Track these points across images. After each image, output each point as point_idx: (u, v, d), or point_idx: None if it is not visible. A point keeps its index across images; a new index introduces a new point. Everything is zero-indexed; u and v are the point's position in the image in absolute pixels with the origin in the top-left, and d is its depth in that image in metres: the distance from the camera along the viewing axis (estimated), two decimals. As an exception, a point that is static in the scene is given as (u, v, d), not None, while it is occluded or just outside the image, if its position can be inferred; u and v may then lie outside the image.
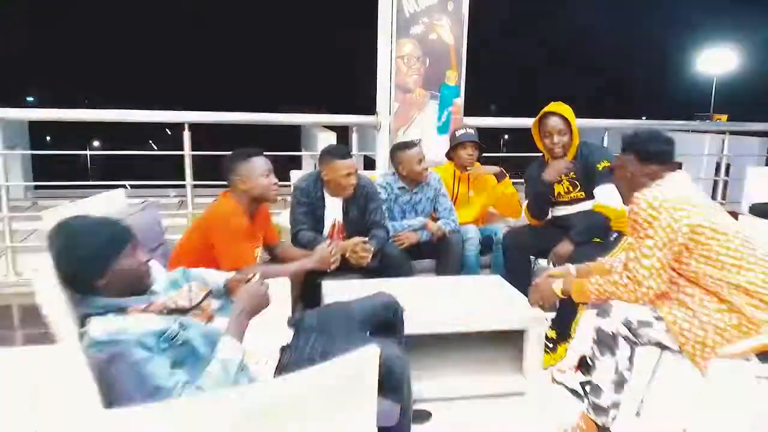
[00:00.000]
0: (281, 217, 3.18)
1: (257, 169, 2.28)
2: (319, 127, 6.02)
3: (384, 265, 2.81)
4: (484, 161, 3.47)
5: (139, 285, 1.51)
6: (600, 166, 2.77)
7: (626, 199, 1.99)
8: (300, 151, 7.60)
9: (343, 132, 5.83)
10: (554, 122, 2.82)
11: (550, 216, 3.02)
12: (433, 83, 3.78)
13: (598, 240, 2.79)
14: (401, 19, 3.64)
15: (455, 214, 3.19)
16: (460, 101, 3.85)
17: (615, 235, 2.82)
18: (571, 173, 2.85)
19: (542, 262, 3.02)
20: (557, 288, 2.09)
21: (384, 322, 1.92)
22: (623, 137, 2.03)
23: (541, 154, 3.02)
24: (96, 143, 35.92)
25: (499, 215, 3.48)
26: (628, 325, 1.80)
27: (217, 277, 1.81)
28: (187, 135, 3.75)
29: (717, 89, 30.20)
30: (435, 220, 3.18)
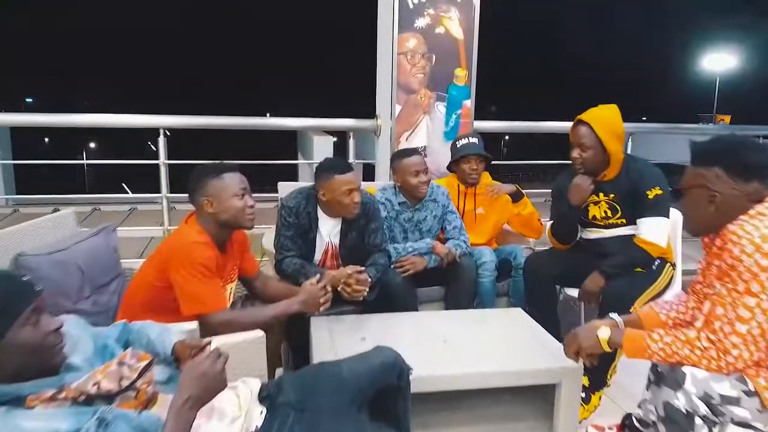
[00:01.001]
0: (266, 239, 2.75)
1: (229, 188, 1.83)
2: (316, 132, 5.58)
3: (384, 297, 2.38)
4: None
5: (44, 363, 1.09)
6: (651, 194, 2.31)
7: (705, 230, 1.56)
8: (297, 157, 7.17)
9: (342, 137, 5.38)
10: (579, 133, 2.36)
11: (579, 238, 2.59)
12: (440, 83, 3.36)
13: (638, 269, 2.37)
14: (404, 11, 3.22)
15: (466, 233, 2.76)
16: (470, 103, 3.43)
17: (657, 262, 2.40)
18: (611, 194, 2.40)
19: (570, 291, 2.59)
20: (603, 338, 1.65)
21: (385, 389, 1.49)
22: (696, 146, 1.57)
23: (569, 163, 2.59)
24: (92, 145, 35.52)
25: (516, 233, 3.05)
26: (707, 400, 1.37)
27: (169, 336, 1.39)
28: (162, 141, 3.33)
29: (719, 90, 29.77)
30: (442, 241, 2.76)
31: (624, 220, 2.42)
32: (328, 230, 2.41)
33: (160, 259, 1.79)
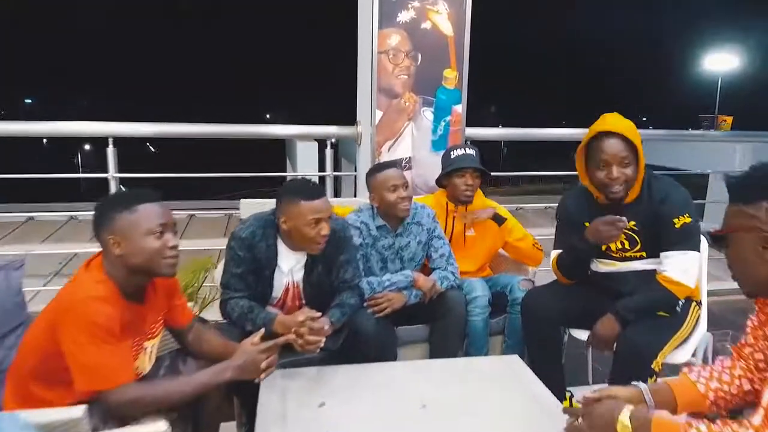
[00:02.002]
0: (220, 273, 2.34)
1: (143, 223, 1.42)
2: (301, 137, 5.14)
3: (353, 345, 1.98)
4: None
5: None
6: (678, 223, 1.91)
7: (765, 286, 1.17)
8: (285, 166, 6.69)
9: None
10: (614, 147, 1.91)
11: (592, 272, 2.19)
12: (426, 86, 2.95)
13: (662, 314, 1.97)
14: (385, 3, 2.82)
15: (455, 263, 2.36)
16: (461, 109, 3.02)
17: (682, 302, 2.00)
18: (631, 222, 1.98)
19: (576, 333, 2.19)
20: (624, 426, 1.25)
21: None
22: (734, 180, 1.19)
23: (576, 180, 2.18)
24: (87, 146, 35.04)
25: (513, 260, 2.64)
26: None
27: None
28: (112, 152, 2.92)
29: (721, 90, 29.36)
30: (428, 271, 2.36)
31: (644, 254, 2.02)
32: (290, 266, 2.00)
33: (52, 316, 1.38)
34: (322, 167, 3.58)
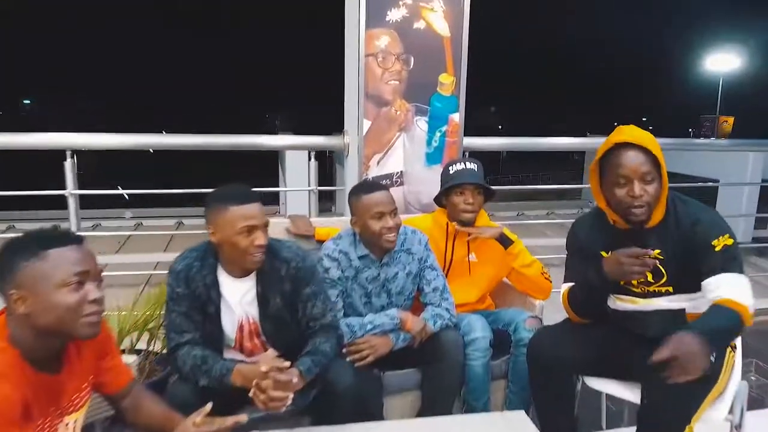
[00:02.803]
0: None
1: (55, 274, 1.12)
2: (283, 147, 4.85)
3: (329, 400, 1.68)
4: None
5: None
6: (718, 245, 1.61)
7: None
8: (278, 178, 6.36)
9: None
10: (635, 159, 1.63)
11: (610, 309, 1.89)
12: (420, 92, 2.65)
13: None
14: (373, 0, 2.51)
15: (450, 297, 2.05)
16: (458, 118, 2.72)
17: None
18: (655, 250, 1.68)
19: (592, 382, 1.88)
20: None
21: None
22: None
23: (593, 205, 1.88)
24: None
25: (518, 291, 2.33)
26: None
27: None
28: (69, 165, 2.62)
29: (723, 90, 29.02)
30: (417, 308, 2.06)
31: (670, 288, 1.71)
32: (238, 297, 1.70)
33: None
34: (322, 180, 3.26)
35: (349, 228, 2.02)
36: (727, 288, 1.58)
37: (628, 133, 1.66)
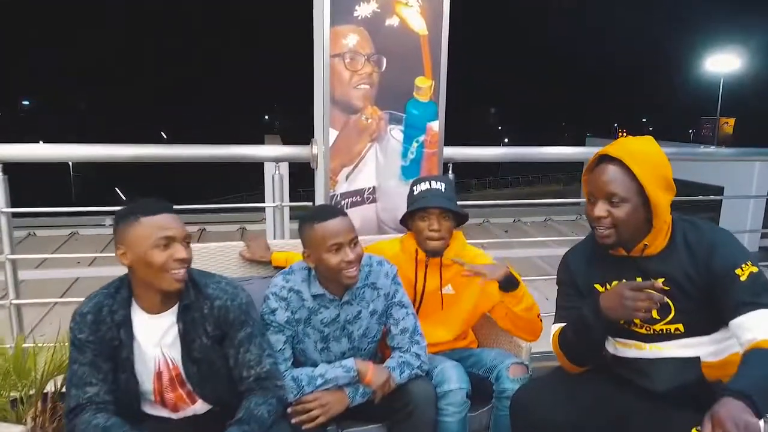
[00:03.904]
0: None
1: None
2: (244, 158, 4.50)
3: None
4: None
5: None
6: (743, 274, 1.34)
7: None
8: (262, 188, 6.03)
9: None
10: (605, 177, 1.41)
11: (609, 356, 1.60)
12: (394, 98, 2.35)
13: None
14: (340, -6, 2.21)
15: (422, 340, 1.75)
16: (437, 126, 2.42)
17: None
18: (660, 279, 1.41)
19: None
20: None
21: None
22: None
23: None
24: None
25: (501, 328, 2.03)
26: None
27: None
28: (0, 179, 2.31)
29: (724, 91, 28.72)
30: (384, 355, 1.76)
31: (681, 327, 1.43)
32: (155, 338, 1.43)
33: None
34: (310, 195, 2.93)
35: (301, 262, 1.72)
36: (765, 327, 1.29)
37: (617, 145, 1.43)
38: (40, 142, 2.87)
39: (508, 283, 1.75)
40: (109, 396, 1.38)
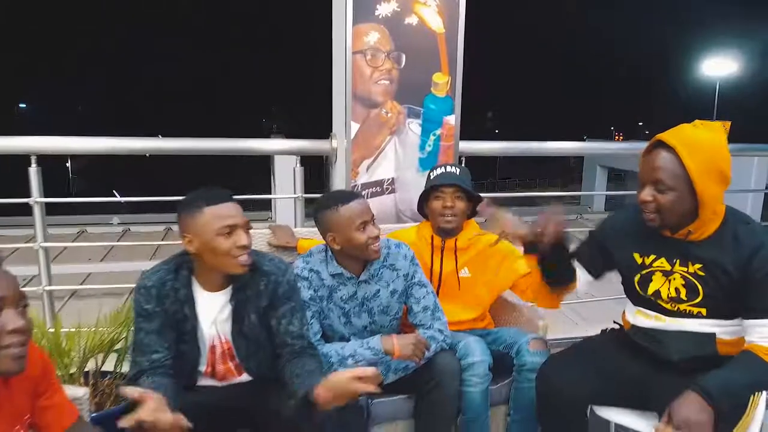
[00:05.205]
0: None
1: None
2: (266, 152, 4.61)
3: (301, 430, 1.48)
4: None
5: None
6: None
7: None
8: (270, 182, 6.13)
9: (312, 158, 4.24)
10: (656, 163, 1.44)
11: (627, 322, 1.70)
12: (412, 93, 2.47)
13: None
14: (362, -6, 2.33)
15: (443, 316, 1.86)
16: (453, 120, 2.54)
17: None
18: (696, 264, 1.50)
19: (604, 412, 1.69)
20: None
21: None
22: None
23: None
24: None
25: (518, 308, 2.14)
26: None
27: None
28: (35, 172, 2.42)
29: (719, 94, 28.94)
30: (405, 330, 1.87)
31: (703, 311, 1.51)
32: (212, 314, 1.55)
33: None
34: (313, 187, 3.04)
35: (319, 245, 1.84)
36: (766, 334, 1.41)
37: (674, 132, 1.46)
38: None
39: (532, 244, 1.75)
40: (170, 363, 1.49)
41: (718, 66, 28.19)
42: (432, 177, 2.04)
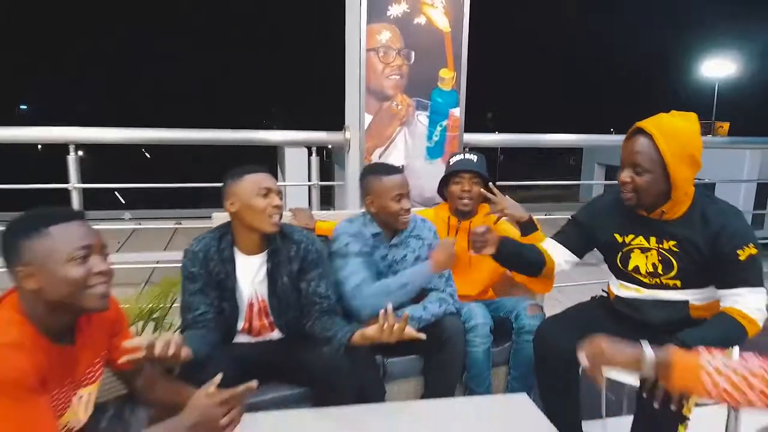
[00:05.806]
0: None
1: (61, 249, 1.14)
2: (284, 143, 4.86)
3: (331, 389, 1.71)
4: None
5: None
6: (743, 254, 1.59)
7: None
8: (276, 174, 6.41)
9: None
10: (634, 147, 1.63)
11: (610, 291, 1.92)
12: (421, 87, 2.69)
13: None
14: (375, -4, 2.55)
15: (454, 286, 2.09)
16: (458, 112, 2.76)
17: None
18: (671, 242, 1.70)
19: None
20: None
21: None
22: None
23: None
24: (80, 153, 34.65)
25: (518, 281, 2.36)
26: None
27: None
28: (73, 159, 2.65)
29: (718, 96, 29.17)
30: (420, 298, 2.09)
31: (678, 283, 1.72)
32: (250, 276, 1.79)
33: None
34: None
35: (359, 211, 2.08)
36: (744, 303, 1.59)
37: (652, 119, 1.64)
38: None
39: (528, 227, 2.04)
40: (213, 317, 1.72)
41: (717, 67, 28.37)
42: (452, 163, 2.27)
